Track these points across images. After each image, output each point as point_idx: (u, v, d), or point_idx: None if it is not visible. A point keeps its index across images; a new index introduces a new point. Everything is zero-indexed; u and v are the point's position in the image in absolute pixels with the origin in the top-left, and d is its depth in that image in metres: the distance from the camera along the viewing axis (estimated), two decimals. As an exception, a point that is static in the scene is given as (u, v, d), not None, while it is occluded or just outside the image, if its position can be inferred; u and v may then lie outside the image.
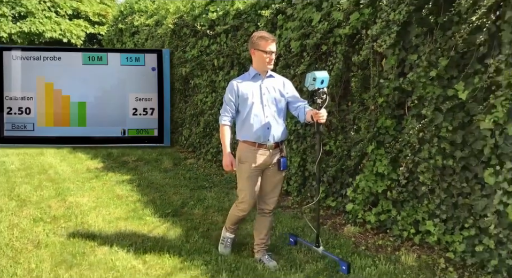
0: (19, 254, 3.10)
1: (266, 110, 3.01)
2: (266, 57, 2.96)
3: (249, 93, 3.01)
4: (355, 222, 3.74)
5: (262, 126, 2.99)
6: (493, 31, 2.74)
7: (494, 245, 2.76)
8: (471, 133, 2.95)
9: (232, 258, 3.12)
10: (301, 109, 3.04)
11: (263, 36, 2.98)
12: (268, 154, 3.01)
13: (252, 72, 3.06)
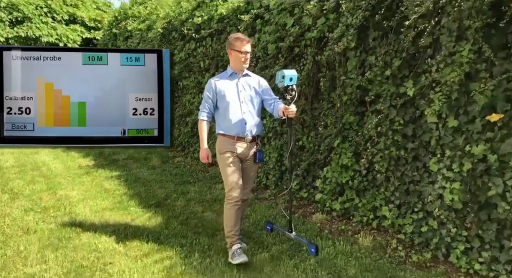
0: (9, 239, 3.39)
1: (244, 106, 3.20)
2: (242, 57, 3.16)
3: (226, 90, 3.20)
4: (323, 210, 4.04)
5: (240, 122, 3.17)
6: (437, 34, 3.05)
7: (437, 225, 3.06)
8: (420, 126, 3.26)
9: (206, 241, 3.41)
10: (274, 106, 3.25)
11: (238, 37, 3.18)
12: (246, 147, 3.21)
13: (229, 71, 3.27)
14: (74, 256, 3.08)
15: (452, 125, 2.94)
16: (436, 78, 2.94)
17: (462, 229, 2.92)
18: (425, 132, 3.22)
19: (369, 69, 3.58)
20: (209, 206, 4.32)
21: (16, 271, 2.84)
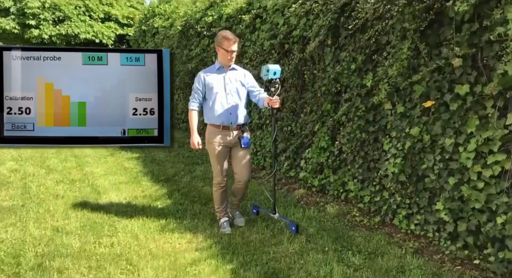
0: (42, 202, 4.22)
1: (229, 98, 3.45)
2: (228, 55, 3.40)
3: (214, 83, 3.44)
4: (305, 187, 4.63)
5: (225, 112, 3.44)
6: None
7: (388, 195, 3.60)
8: (379, 113, 3.78)
9: (198, 208, 4.10)
10: (259, 97, 3.51)
11: (226, 37, 3.39)
12: (231, 135, 3.48)
13: (217, 65, 3.52)
14: (90, 215, 3.86)
15: (400, 111, 3.47)
16: (388, 71, 3.46)
17: (405, 198, 3.45)
18: (382, 117, 3.74)
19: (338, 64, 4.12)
20: (209, 182, 4.98)
21: (45, 223, 3.65)
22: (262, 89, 3.53)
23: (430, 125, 3.22)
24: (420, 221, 3.31)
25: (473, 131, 2.90)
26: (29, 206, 4.09)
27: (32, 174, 5.22)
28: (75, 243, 3.25)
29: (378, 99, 3.50)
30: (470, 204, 2.92)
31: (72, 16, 11.71)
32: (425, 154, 3.27)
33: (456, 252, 2.98)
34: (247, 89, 3.57)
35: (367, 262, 2.93)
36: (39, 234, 3.41)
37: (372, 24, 3.63)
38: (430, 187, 3.24)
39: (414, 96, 3.33)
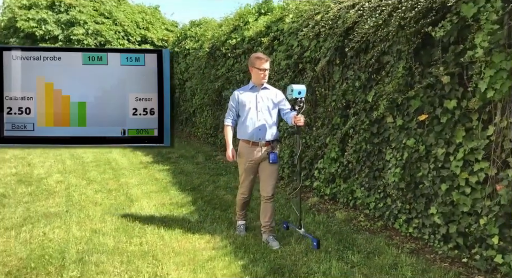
0: (83, 208, 4.78)
1: (260, 115, 3.64)
2: (261, 73, 3.61)
3: (246, 101, 3.66)
4: (318, 195, 4.97)
5: (255, 128, 3.62)
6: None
7: (390, 202, 3.89)
8: (382, 126, 4.11)
9: (218, 213, 4.52)
10: (288, 115, 3.67)
11: (258, 57, 3.64)
12: (260, 150, 3.65)
13: (250, 84, 3.74)
14: (123, 219, 4.37)
15: (399, 124, 3.79)
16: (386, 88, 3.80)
17: (405, 204, 3.74)
18: (385, 130, 4.07)
19: (345, 81, 4.49)
20: (231, 191, 5.44)
21: (85, 226, 4.18)
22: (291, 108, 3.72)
23: (425, 137, 3.53)
24: (418, 225, 3.59)
25: (461, 141, 3.19)
26: (72, 211, 4.66)
27: (75, 185, 5.84)
28: (109, 242, 3.75)
29: (377, 114, 3.84)
30: (459, 208, 3.19)
31: (112, 40, 12.64)
32: (420, 163, 3.57)
33: (448, 252, 3.25)
34: (278, 107, 3.75)
35: (365, 260, 3.24)
36: (80, 235, 3.94)
37: (373, 46, 3.99)
38: (426, 194, 3.53)
39: (411, 110, 3.65)
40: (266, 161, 3.67)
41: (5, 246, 3.68)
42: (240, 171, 3.81)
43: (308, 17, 4.97)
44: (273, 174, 3.72)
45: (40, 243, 3.75)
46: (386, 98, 3.77)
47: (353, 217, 4.20)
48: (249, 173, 3.74)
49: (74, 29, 11.72)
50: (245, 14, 7.27)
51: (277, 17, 6.02)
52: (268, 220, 3.71)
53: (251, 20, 6.94)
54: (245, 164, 3.69)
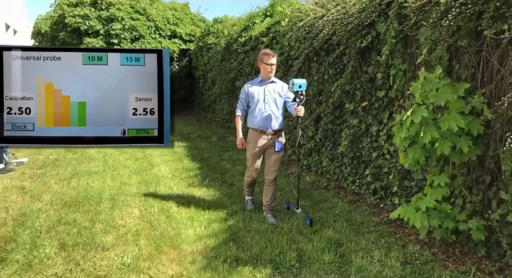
0: (115, 169, 6.23)
1: (267, 107, 3.95)
2: (268, 68, 3.93)
3: (255, 93, 3.97)
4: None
5: (263, 118, 3.94)
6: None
7: (344, 168, 5.08)
8: (342, 110, 5.27)
9: (217, 176, 5.83)
10: (291, 107, 3.97)
11: (266, 53, 3.97)
12: (267, 139, 3.98)
13: (259, 78, 4.06)
14: (144, 177, 5.77)
15: (351, 109, 4.95)
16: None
17: (352, 168, 4.92)
18: (344, 113, 5.23)
19: (318, 75, 5.68)
20: (232, 162, 6.76)
21: (116, 180, 5.61)
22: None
23: (365, 118, 4.68)
24: (358, 183, 4.78)
25: (386, 121, 4.34)
26: (107, 171, 6.13)
27: (110, 154, 7.34)
28: (133, 190, 5.16)
29: (333, 100, 5.03)
30: (383, 169, 4.36)
31: (145, 35, 14.13)
32: (362, 138, 4.74)
33: (374, 201, 4.43)
34: (284, 99, 4.08)
35: (312, 205, 4.47)
36: (112, 185, 5.38)
37: (335, 49, 5.16)
38: (364, 160, 4.70)
39: (357, 98, 4.81)
40: (272, 148, 4.00)
41: (60, 189, 5.17)
42: (248, 156, 4.15)
43: (294, 23, 6.17)
44: (277, 161, 4.07)
45: (84, 188, 5.21)
46: (340, 88, 4.94)
47: (317, 180, 5.43)
48: (256, 158, 4.08)
49: (113, 25, 13.29)
50: (254, 16, 8.51)
51: (276, 20, 7.22)
52: (268, 200, 4.10)
53: (257, 21, 8.17)
54: (253, 149, 4.03)
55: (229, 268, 3.05)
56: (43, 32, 15.12)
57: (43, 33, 15.15)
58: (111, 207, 4.50)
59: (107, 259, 3.24)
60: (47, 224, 3.97)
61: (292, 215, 4.16)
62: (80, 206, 4.51)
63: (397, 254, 3.20)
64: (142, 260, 3.22)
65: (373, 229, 3.75)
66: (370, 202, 4.46)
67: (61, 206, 4.53)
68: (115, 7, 13.62)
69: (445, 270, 2.93)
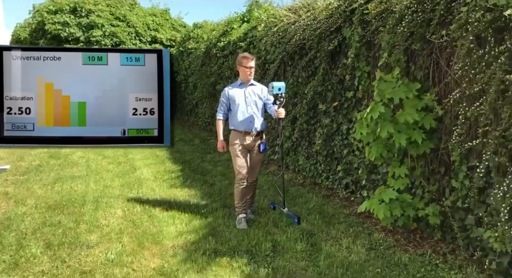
0: (98, 173, 6.37)
1: (249, 109, 3.99)
2: (247, 71, 3.97)
3: (236, 96, 3.99)
4: (277, 164, 6.44)
5: (247, 120, 3.97)
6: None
7: (318, 165, 5.35)
8: (316, 111, 5.54)
9: (199, 177, 6.04)
10: (271, 108, 4.06)
11: (245, 56, 4.03)
12: (251, 140, 4.01)
13: (239, 81, 4.09)
14: (127, 180, 5.93)
15: (323, 109, 5.22)
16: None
17: (326, 165, 5.18)
18: (318, 114, 5.50)
19: (292, 78, 5.94)
20: (213, 163, 6.97)
21: (99, 183, 5.76)
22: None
23: (337, 117, 4.96)
24: (331, 179, 5.04)
25: (354, 120, 4.61)
26: (90, 175, 6.27)
27: (93, 159, 7.46)
28: (116, 192, 5.32)
29: (307, 101, 5.29)
30: (353, 165, 4.63)
31: (126, 41, 14.27)
32: (334, 136, 5.01)
33: (345, 195, 4.70)
34: (264, 102, 4.13)
35: (288, 200, 4.70)
36: (96, 188, 5.52)
37: (307, 52, 5.43)
38: (336, 157, 4.98)
39: (328, 99, 5.08)
40: (256, 150, 4.07)
41: (44, 194, 5.29)
42: (234, 158, 4.04)
43: (269, 28, 6.43)
44: (260, 162, 4.18)
45: (68, 192, 5.34)
46: (313, 90, 5.21)
47: (294, 177, 5.68)
48: (242, 156, 4.01)
49: (93, 31, 13.39)
50: (232, 21, 8.75)
51: (252, 26, 7.47)
52: (249, 198, 4.17)
53: (235, 27, 8.42)
54: (238, 148, 4.00)
55: (207, 260, 3.26)
56: (22, 39, 15.10)
57: (22, 41, 15.12)
58: (95, 208, 4.65)
59: (91, 255, 3.41)
60: (32, 226, 4.10)
61: (268, 210, 4.39)
62: (65, 209, 4.66)
63: (363, 242, 3.46)
64: (125, 255, 3.40)
65: (343, 220, 4.01)
66: (342, 196, 4.72)
67: (46, 209, 4.66)
68: (95, 14, 13.72)
69: (405, 254, 3.20)
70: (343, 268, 3.01)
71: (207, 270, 3.10)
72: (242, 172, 4.00)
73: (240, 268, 3.12)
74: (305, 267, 3.10)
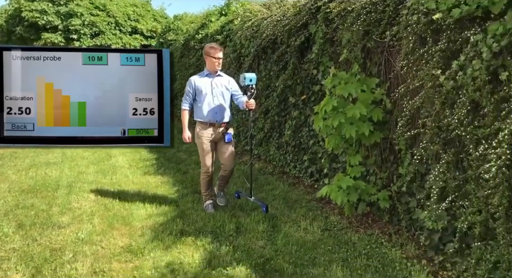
0: (74, 160, 6.49)
1: (215, 100, 3.98)
2: (215, 61, 3.95)
3: (202, 86, 3.97)
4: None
5: (212, 111, 3.96)
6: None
7: (287, 155, 5.60)
8: (286, 104, 5.78)
9: (173, 165, 6.22)
10: (239, 100, 4.05)
11: (212, 46, 4.00)
12: (216, 131, 4.02)
13: (206, 72, 4.05)
14: (102, 167, 6.08)
15: (292, 102, 5.47)
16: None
17: (294, 155, 5.44)
18: (288, 107, 5.75)
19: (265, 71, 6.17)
20: (188, 153, 7.15)
21: (74, 170, 5.89)
22: (242, 93, 4.15)
23: (305, 110, 5.21)
24: (299, 168, 5.31)
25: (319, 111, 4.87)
26: (65, 162, 6.39)
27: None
28: (90, 178, 5.47)
29: (277, 94, 5.53)
30: (318, 155, 4.89)
31: (105, 31, 14.22)
32: (302, 127, 5.27)
33: (310, 183, 4.97)
34: (231, 93, 4.13)
35: (256, 187, 4.95)
36: (70, 174, 5.66)
37: (278, 47, 5.66)
38: (303, 148, 5.24)
39: (297, 92, 5.33)
40: (222, 141, 4.09)
41: (18, 179, 5.40)
42: (200, 151, 4.10)
43: (244, 22, 6.62)
44: (231, 152, 4.14)
45: (42, 177, 5.47)
46: (283, 83, 5.45)
47: (264, 167, 5.93)
48: (208, 150, 4.06)
49: (72, 20, 13.30)
50: (210, 14, 8.90)
51: (229, 19, 7.65)
52: (222, 183, 4.26)
53: (213, 20, 8.58)
54: (204, 142, 4.04)
55: (174, 239, 3.48)
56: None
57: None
58: (68, 193, 4.80)
59: (62, 235, 3.59)
60: (5, 208, 4.24)
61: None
62: (38, 193, 4.79)
63: (320, 224, 3.73)
64: (95, 235, 3.59)
65: (305, 205, 4.28)
66: (307, 184, 4.99)
67: (19, 193, 4.79)
68: (74, 3, 13.62)
69: (356, 234, 3.49)
70: (298, 246, 3.28)
71: (172, 248, 3.32)
72: (207, 165, 4.08)
73: (204, 246, 3.34)
74: (264, 245, 3.35)
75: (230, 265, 2.99)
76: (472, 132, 2.43)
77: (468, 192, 2.54)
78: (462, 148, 2.61)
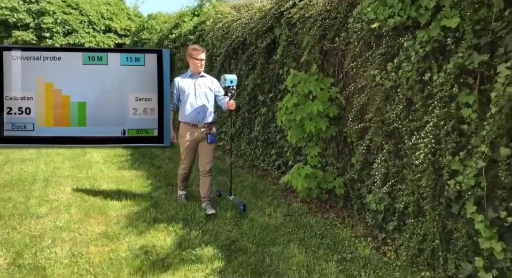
0: (49, 156, 6.64)
1: (198, 100, 4.03)
2: (198, 63, 4.02)
3: (186, 87, 4.02)
4: (223, 150, 6.98)
5: (194, 111, 4.01)
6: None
7: (256, 150, 5.94)
8: (256, 101, 6.12)
9: (146, 160, 6.46)
10: (222, 101, 4.15)
11: (195, 48, 4.07)
12: (199, 132, 4.06)
13: (189, 73, 4.13)
14: (77, 162, 6.26)
15: (261, 99, 5.81)
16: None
17: (263, 150, 5.79)
18: (257, 104, 6.09)
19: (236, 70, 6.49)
20: (162, 149, 7.39)
21: (50, 165, 6.05)
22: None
23: (272, 107, 5.56)
24: (267, 161, 5.66)
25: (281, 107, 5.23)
26: (41, 158, 6.53)
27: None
28: (66, 173, 5.66)
29: (247, 93, 5.86)
30: (284, 149, 5.25)
31: (78, 29, 14.20)
32: (270, 123, 5.62)
33: (277, 175, 5.33)
34: (214, 93, 4.20)
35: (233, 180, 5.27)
36: (46, 169, 5.83)
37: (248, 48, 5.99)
38: (271, 142, 5.59)
39: (265, 90, 5.68)
40: (205, 141, 4.12)
41: (-6, 174, 5.55)
42: (182, 150, 4.20)
43: (215, 23, 6.93)
44: (211, 152, 4.18)
45: (18, 172, 5.62)
46: (253, 82, 5.79)
47: (235, 161, 6.26)
48: (190, 151, 4.15)
49: (44, 18, 13.24)
50: (184, 14, 9.15)
51: (202, 20, 7.93)
52: (206, 192, 4.20)
53: (186, 20, 8.84)
54: (186, 143, 4.09)
55: (147, 226, 3.76)
56: (-33, 23, 14.62)
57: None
58: (44, 186, 4.99)
59: (41, 224, 3.81)
60: (-16, 201, 4.41)
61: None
62: (15, 187, 4.96)
63: (283, 210, 4.09)
64: (73, 223, 3.83)
65: (270, 194, 4.63)
66: (274, 176, 5.35)
67: (-4, 187, 4.96)
68: (46, 1, 13.55)
69: (314, 218, 3.87)
70: (262, 229, 3.63)
71: (146, 234, 3.60)
72: (186, 163, 4.24)
73: (175, 231, 3.64)
74: (231, 229, 3.68)
75: (198, 247, 3.31)
76: (407, 125, 2.83)
77: (405, 176, 2.95)
78: (400, 139, 3.02)
